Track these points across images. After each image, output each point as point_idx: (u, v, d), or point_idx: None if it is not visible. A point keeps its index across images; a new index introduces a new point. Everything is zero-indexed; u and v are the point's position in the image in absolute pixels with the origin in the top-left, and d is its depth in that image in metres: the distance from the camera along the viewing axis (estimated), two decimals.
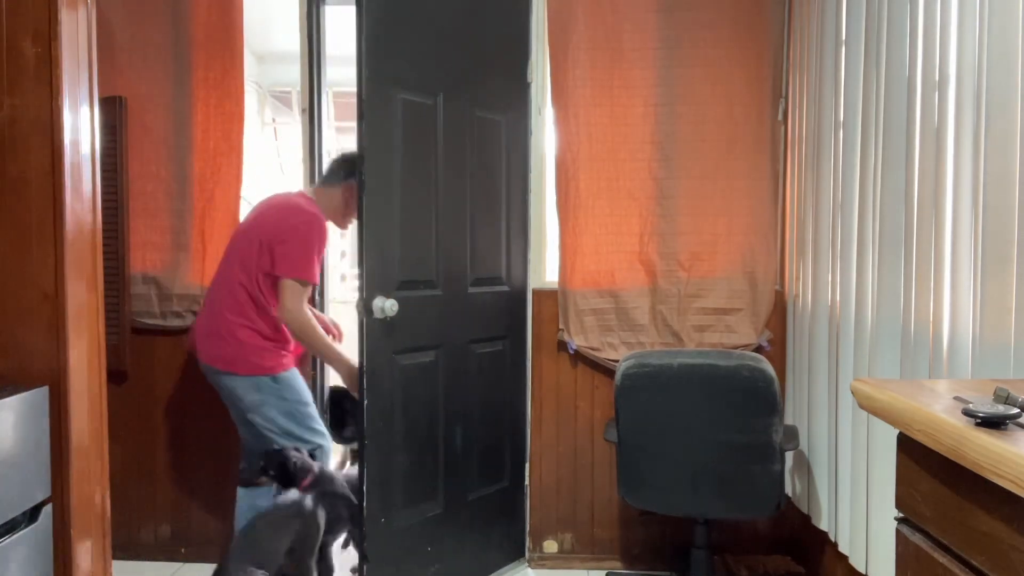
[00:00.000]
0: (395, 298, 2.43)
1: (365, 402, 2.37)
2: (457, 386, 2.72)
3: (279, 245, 2.51)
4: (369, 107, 2.35)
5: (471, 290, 2.77)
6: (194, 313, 3.01)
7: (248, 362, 2.55)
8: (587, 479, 3.03)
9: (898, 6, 1.98)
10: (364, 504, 2.40)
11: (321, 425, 2.68)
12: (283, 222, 2.55)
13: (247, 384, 2.56)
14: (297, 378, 2.66)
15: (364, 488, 2.39)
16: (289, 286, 2.50)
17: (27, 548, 1.70)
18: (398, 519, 2.52)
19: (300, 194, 2.73)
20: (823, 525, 2.55)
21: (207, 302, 2.68)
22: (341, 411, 2.88)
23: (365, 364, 2.37)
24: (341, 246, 5.38)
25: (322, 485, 2.53)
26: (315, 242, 2.54)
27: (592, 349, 2.95)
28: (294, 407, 2.60)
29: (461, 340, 2.73)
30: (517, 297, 2.96)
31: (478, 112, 2.74)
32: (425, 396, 2.61)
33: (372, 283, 2.39)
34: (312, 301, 2.83)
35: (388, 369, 2.46)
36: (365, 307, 2.37)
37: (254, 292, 2.54)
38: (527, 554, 3.03)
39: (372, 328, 2.39)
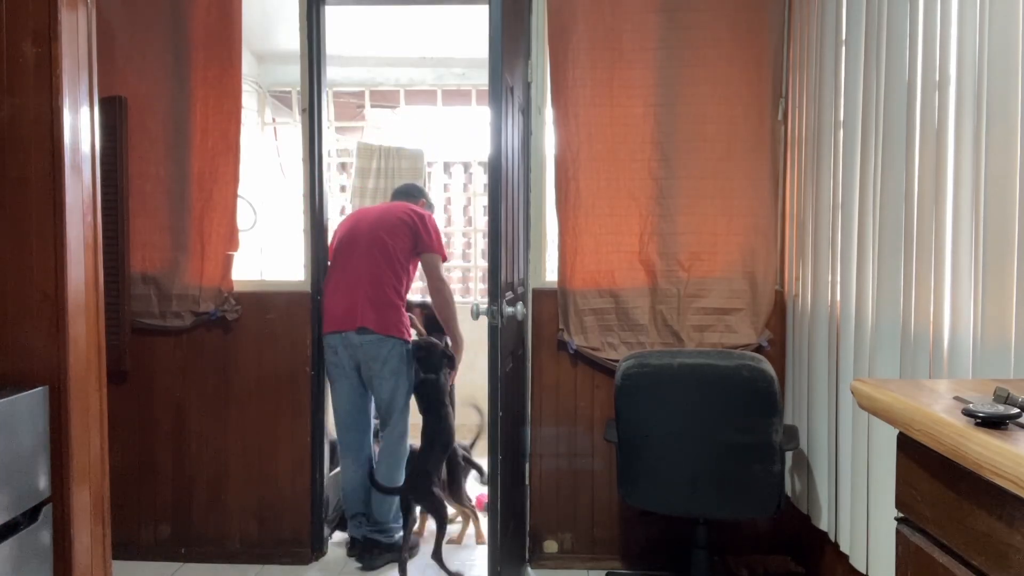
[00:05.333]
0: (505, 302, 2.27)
1: (500, 413, 2.23)
2: (515, 389, 2.65)
3: (416, 231, 3.06)
4: (494, 100, 2.19)
5: (519, 290, 2.72)
6: (194, 313, 3.01)
7: (398, 328, 3.02)
8: (587, 479, 3.03)
9: (898, 6, 1.98)
10: (498, 531, 2.21)
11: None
12: (407, 216, 3.09)
13: (401, 349, 3.02)
14: None
15: (499, 510, 2.20)
16: (436, 260, 3.09)
17: (27, 548, 1.70)
18: (504, 542, 2.35)
19: (393, 204, 3.25)
20: (823, 525, 2.55)
21: (348, 280, 3.01)
22: None
23: (499, 372, 2.20)
24: None
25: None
26: (438, 229, 3.18)
27: (592, 349, 2.95)
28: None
29: (516, 341, 2.67)
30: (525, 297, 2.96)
31: (517, 104, 2.68)
32: (512, 404, 2.51)
33: (497, 288, 2.23)
34: None
35: (502, 378, 2.31)
36: (500, 312, 2.19)
37: (399, 270, 3.03)
38: (527, 554, 3.03)
39: (493, 336, 2.23)
